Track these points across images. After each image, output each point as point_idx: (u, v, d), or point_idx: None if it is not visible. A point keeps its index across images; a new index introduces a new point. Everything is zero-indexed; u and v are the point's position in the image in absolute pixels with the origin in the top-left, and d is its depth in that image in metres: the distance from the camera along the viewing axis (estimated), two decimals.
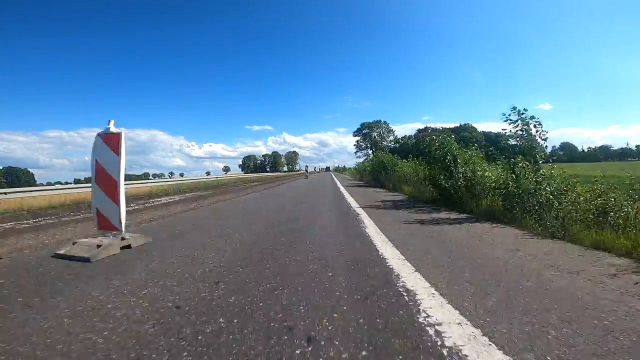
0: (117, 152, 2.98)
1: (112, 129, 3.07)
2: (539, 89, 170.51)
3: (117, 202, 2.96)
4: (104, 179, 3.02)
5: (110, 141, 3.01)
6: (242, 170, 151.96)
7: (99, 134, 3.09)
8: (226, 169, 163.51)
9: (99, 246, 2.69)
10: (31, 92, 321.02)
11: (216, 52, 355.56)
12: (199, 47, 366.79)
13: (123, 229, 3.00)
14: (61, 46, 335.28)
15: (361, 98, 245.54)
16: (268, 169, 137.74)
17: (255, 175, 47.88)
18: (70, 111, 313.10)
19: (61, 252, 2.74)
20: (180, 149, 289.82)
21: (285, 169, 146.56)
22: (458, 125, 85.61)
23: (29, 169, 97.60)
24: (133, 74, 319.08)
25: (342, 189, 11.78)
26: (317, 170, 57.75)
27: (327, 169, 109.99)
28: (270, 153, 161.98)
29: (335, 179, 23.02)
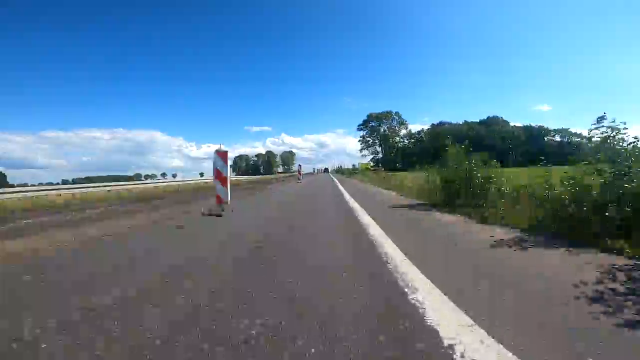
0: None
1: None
2: (537, 90, 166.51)
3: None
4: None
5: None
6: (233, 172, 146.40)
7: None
8: None
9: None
10: (28, 92, 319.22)
11: (215, 53, 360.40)
12: (198, 47, 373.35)
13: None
14: (59, 45, 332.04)
15: (360, 99, 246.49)
16: (262, 170, 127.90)
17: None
18: (67, 111, 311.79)
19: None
20: (179, 150, 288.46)
21: (280, 169, 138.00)
22: (485, 118, 74.20)
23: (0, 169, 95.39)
24: (132, 74, 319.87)
25: None
26: (301, 173, 29.57)
27: (326, 170, 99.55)
28: (264, 152, 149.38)
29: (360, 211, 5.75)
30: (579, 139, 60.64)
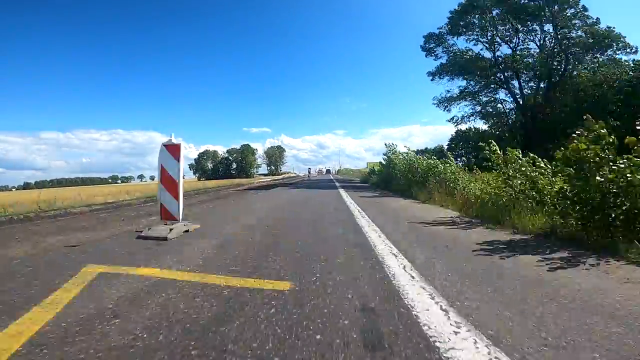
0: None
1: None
2: None
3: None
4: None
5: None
6: (194, 174, 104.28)
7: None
8: None
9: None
10: (27, 93, 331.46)
11: (215, 54, 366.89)
12: (197, 48, 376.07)
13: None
14: (57, 46, 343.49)
15: (359, 99, 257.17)
16: (234, 172, 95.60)
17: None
18: (66, 112, 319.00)
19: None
20: None
21: (264, 170, 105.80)
22: None
23: None
24: (130, 75, 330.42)
25: None
26: (311, 173, 30.10)
27: (327, 171, 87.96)
28: (239, 147, 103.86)
29: None
30: None
